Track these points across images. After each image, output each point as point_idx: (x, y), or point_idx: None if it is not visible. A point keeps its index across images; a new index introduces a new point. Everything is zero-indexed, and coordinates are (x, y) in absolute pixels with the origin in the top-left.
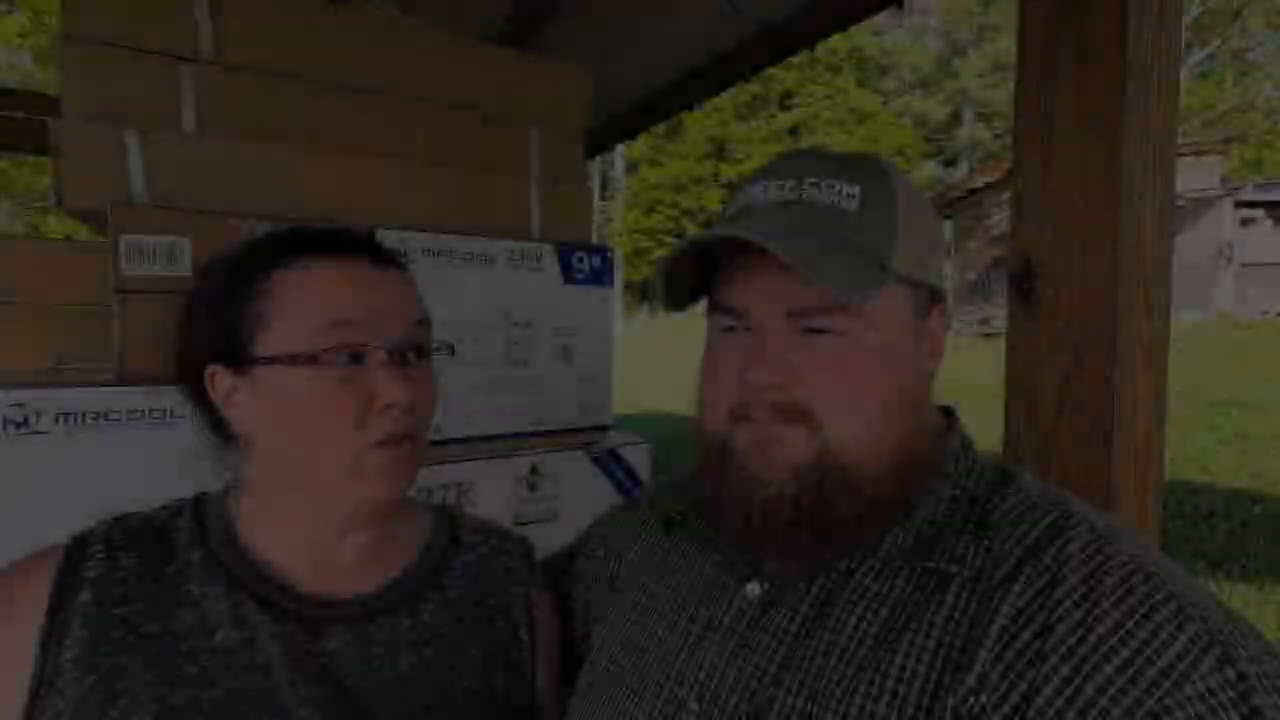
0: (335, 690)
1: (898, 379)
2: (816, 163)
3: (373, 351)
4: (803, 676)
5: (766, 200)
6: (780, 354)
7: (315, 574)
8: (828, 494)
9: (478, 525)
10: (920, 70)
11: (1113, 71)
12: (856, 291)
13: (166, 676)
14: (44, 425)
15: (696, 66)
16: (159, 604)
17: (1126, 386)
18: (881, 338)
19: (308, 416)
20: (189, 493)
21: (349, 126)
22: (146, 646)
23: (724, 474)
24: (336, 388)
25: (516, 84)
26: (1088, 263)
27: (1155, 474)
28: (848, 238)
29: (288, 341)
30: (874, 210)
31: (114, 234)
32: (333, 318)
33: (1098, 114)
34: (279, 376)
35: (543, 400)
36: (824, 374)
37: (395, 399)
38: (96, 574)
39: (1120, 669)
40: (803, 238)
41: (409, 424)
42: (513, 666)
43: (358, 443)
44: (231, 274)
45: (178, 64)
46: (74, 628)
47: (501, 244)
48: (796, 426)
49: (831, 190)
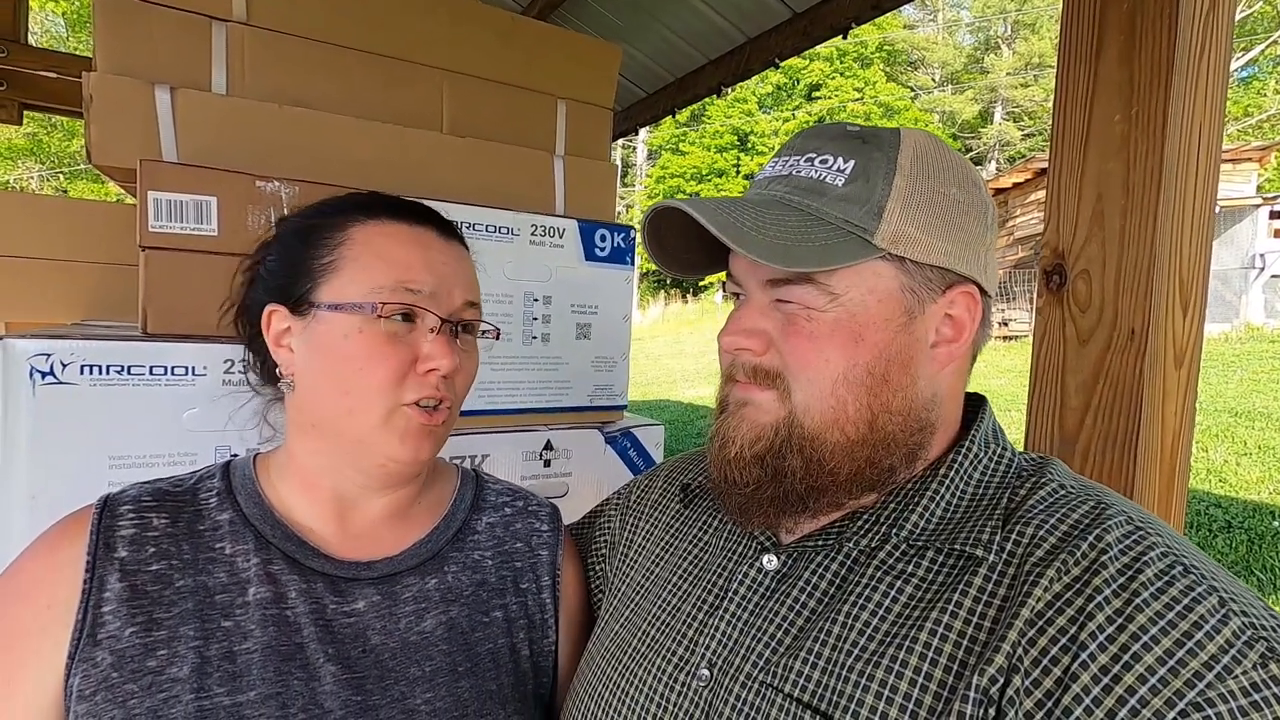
0: (361, 648)
1: (861, 354)
2: (821, 138)
3: (426, 316)
4: (819, 648)
5: (769, 174)
6: (752, 320)
7: (342, 536)
8: (785, 458)
9: (504, 488)
10: (951, 66)
11: (1160, 58)
12: (808, 262)
13: (202, 630)
14: (69, 376)
15: (725, 51)
16: (192, 561)
17: (1156, 386)
18: (846, 311)
19: (354, 365)
20: (209, 447)
21: (377, 93)
22: (182, 601)
23: (713, 431)
24: (386, 341)
25: (546, 57)
26: (1124, 256)
27: (1181, 479)
28: (824, 211)
29: (351, 291)
30: (861, 184)
31: (142, 189)
32: (397, 276)
33: (1142, 101)
34: (334, 323)
35: (559, 377)
36: (790, 342)
37: (438, 365)
38: (130, 532)
39: (1161, 659)
40: (770, 211)
41: (445, 393)
42: (535, 627)
43: (393, 398)
44: (309, 222)
45: (210, 24)
46: (111, 582)
47: (525, 217)
48: (768, 390)
49: (824, 165)
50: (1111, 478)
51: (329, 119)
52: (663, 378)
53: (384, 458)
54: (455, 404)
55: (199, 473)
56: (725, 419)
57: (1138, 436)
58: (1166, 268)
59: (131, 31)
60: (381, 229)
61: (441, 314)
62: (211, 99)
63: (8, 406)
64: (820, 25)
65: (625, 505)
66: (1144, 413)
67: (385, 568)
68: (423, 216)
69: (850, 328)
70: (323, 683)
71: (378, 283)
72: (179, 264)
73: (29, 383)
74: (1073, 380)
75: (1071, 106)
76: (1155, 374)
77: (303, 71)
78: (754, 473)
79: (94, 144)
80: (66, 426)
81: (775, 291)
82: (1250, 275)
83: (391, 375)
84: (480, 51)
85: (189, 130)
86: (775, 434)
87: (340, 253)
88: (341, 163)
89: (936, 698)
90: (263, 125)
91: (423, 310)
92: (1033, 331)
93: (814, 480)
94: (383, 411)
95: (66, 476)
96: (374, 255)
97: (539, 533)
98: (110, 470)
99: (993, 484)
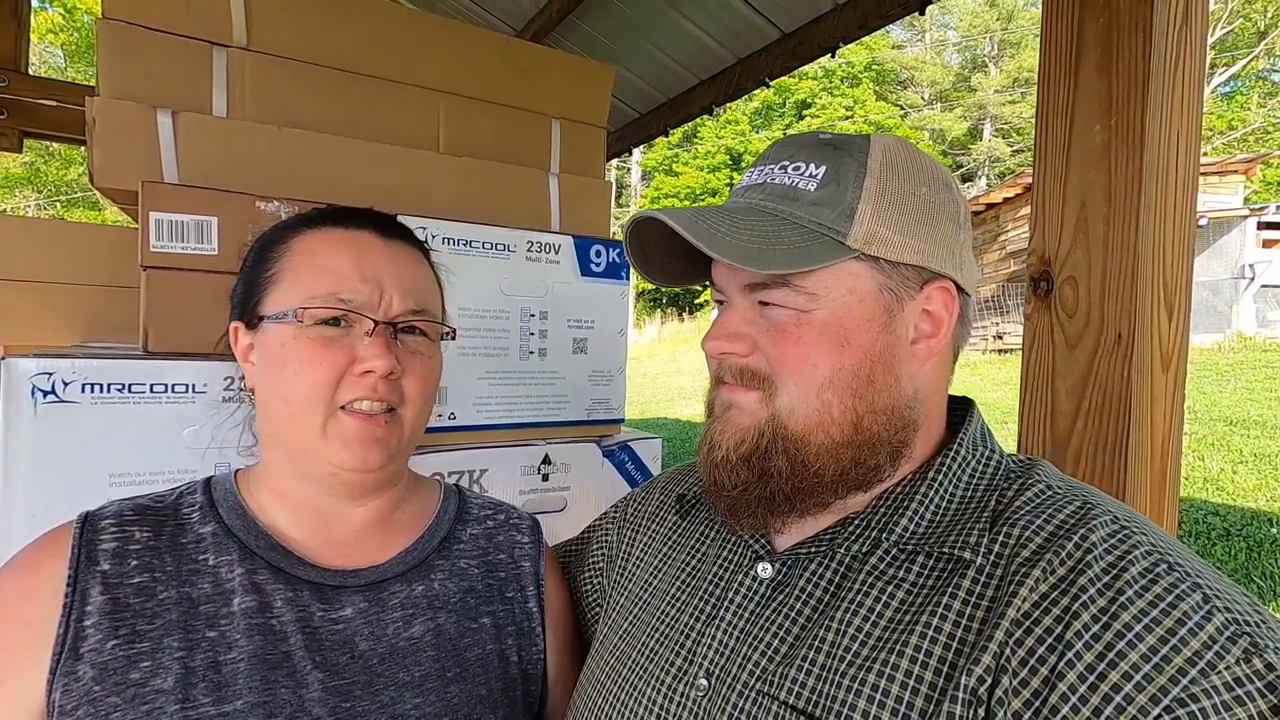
0: (349, 655)
1: (847, 356)
2: (795, 146)
3: (359, 319)
4: (814, 655)
5: (745, 184)
6: (734, 324)
7: (327, 545)
8: (770, 459)
9: (485, 501)
10: (939, 85)
11: (1136, 69)
12: (780, 265)
13: (186, 641)
14: (71, 395)
15: (716, 71)
16: (175, 572)
17: (1144, 389)
18: (826, 312)
19: (289, 371)
20: (208, 463)
21: (373, 114)
22: (166, 612)
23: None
24: (320, 346)
25: (540, 77)
26: (1108, 262)
27: (1172, 483)
28: (796, 215)
29: (286, 300)
30: (833, 188)
31: (144, 210)
32: (328, 281)
33: (1121, 111)
34: (273, 333)
35: (556, 392)
36: (777, 346)
37: (372, 365)
38: (112, 546)
39: (1145, 656)
40: (744, 217)
41: (386, 396)
42: (524, 634)
43: (330, 403)
44: (264, 240)
45: (211, 49)
46: (93, 595)
47: (520, 234)
48: (753, 391)
49: (797, 172)
50: (1103, 481)
51: (327, 140)
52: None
53: (331, 465)
54: (410, 408)
55: (180, 489)
56: (713, 423)
57: (1128, 439)
58: (1150, 272)
59: (134, 57)
60: (317, 237)
61: (377, 317)
62: (212, 122)
63: (9, 426)
64: (809, 45)
65: (622, 519)
66: (1133, 415)
67: (372, 575)
68: (364, 221)
69: (836, 331)
70: (310, 690)
71: (310, 291)
72: (180, 283)
73: (30, 401)
74: (1063, 385)
75: (1053, 118)
76: (1143, 377)
77: (301, 94)
78: (741, 474)
79: (97, 167)
80: (68, 445)
81: (756, 295)
82: (1240, 285)
83: (323, 379)
84: (476, 72)
85: (190, 152)
86: (760, 436)
87: (280, 265)
88: (339, 183)
89: (927, 700)
90: (262, 147)
91: (354, 315)
92: (1022, 338)
93: (799, 481)
94: (320, 418)
95: (67, 495)
96: (307, 265)
97: (520, 545)
98: (111, 488)
99: (981, 486)
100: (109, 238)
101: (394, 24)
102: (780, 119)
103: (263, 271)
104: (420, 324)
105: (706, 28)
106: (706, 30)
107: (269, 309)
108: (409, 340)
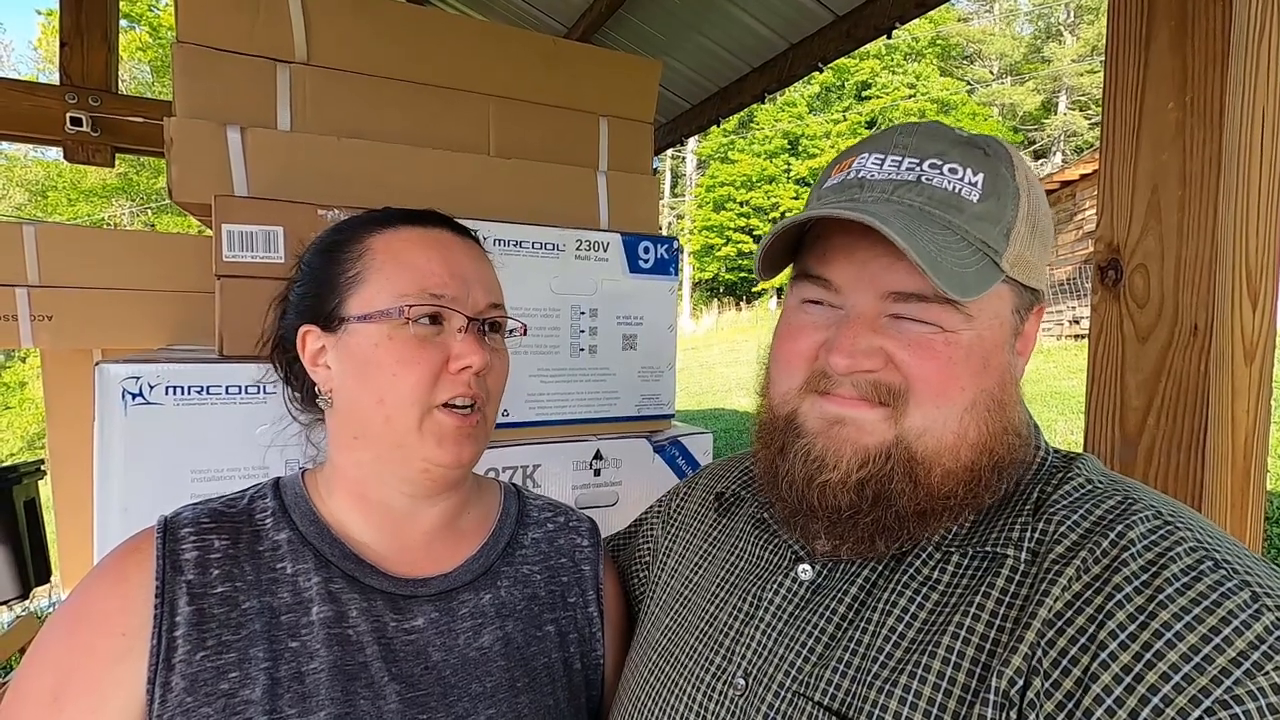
0: (423, 666)
1: (988, 379)
2: (939, 142)
3: (453, 316)
4: (849, 657)
5: (882, 175)
6: (868, 339)
7: (397, 551)
8: (893, 485)
9: (544, 503)
10: (1009, 57)
11: (1214, 43)
12: (969, 289)
13: (271, 651)
14: (156, 397)
15: (768, 58)
16: (256, 581)
17: (1224, 383)
18: (977, 335)
19: (387, 371)
20: (278, 460)
21: (425, 121)
22: (250, 622)
23: (785, 449)
24: (417, 345)
25: (586, 76)
26: (1183, 249)
27: (1256, 482)
28: (965, 230)
29: (378, 300)
30: (995, 203)
31: (217, 222)
32: (420, 281)
33: (1196, 89)
34: (365, 333)
35: (607, 388)
36: (917, 362)
37: (469, 361)
38: (194, 555)
39: (1186, 656)
40: (920, 225)
41: (478, 392)
42: (585, 640)
43: (427, 401)
44: (331, 240)
45: (275, 66)
46: (181, 605)
47: (570, 233)
48: (878, 409)
49: (954, 175)
50: (1179, 480)
51: (384, 148)
52: (717, 386)
53: (424, 462)
54: (490, 404)
55: (249, 492)
56: (815, 439)
57: (1205, 436)
58: (1230, 260)
59: (205, 77)
60: (399, 236)
61: (468, 313)
62: (277, 135)
63: (104, 427)
64: (864, 26)
65: (666, 514)
66: (1211, 411)
67: (441, 584)
68: (437, 221)
69: (980, 353)
70: (388, 701)
71: (402, 289)
72: (251, 290)
73: (121, 404)
74: (1133, 379)
75: (1122, 97)
76: (1223, 370)
77: (359, 105)
78: (852, 497)
79: (175, 183)
80: (154, 444)
81: (898, 307)
82: None
83: (424, 378)
84: (524, 75)
85: (257, 165)
86: (885, 458)
87: (363, 264)
88: (396, 188)
89: (960, 701)
90: (324, 157)
91: (449, 311)
92: (1089, 329)
93: (924, 505)
94: (417, 415)
95: (154, 490)
96: (396, 263)
97: (581, 548)
98: (193, 483)
99: (1024, 481)
100: (193, 246)
101: (443, 34)
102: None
103: (342, 272)
104: (502, 319)
105: (757, 14)
106: (757, 16)
107: (355, 310)
108: (491, 337)
